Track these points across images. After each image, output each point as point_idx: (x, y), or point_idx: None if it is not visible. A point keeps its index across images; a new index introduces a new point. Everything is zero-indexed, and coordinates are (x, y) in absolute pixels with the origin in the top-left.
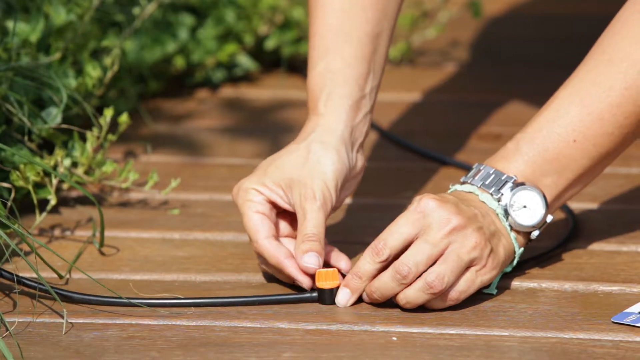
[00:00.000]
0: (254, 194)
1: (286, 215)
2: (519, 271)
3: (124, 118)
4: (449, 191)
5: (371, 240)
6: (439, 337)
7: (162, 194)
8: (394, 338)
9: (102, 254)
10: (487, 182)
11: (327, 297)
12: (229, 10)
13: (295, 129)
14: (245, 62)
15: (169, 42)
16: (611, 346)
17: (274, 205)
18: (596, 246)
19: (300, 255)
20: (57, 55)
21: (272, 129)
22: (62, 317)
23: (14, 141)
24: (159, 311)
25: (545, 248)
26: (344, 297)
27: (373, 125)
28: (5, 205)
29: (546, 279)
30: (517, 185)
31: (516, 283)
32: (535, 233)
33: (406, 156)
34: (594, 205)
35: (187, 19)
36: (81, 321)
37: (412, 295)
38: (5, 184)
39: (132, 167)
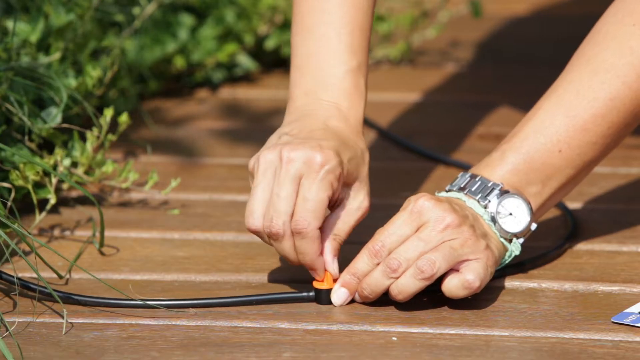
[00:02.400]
0: (337, 179)
1: None
2: (519, 271)
3: (124, 118)
4: None
5: None
6: (439, 337)
7: (162, 194)
8: (394, 338)
9: (102, 254)
10: (473, 189)
11: (323, 297)
12: (229, 10)
13: None
14: (245, 62)
15: (169, 42)
16: (611, 346)
17: None
18: (596, 246)
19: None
20: (57, 55)
21: (272, 129)
22: (62, 317)
23: (14, 141)
24: (159, 311)
25: (546, 248)
26: (340, 297)
27: (373, 125)
28: (5, 205)
29: (546, 279)
30: (504, 192)
31: (516, 283)
32: (520, 241)
33: (406, 156)
34: (594, 205)
35: (187, 19)
36: (81, 321)
37: (403, 282)
38: (5, 184)
39: (132, 167)
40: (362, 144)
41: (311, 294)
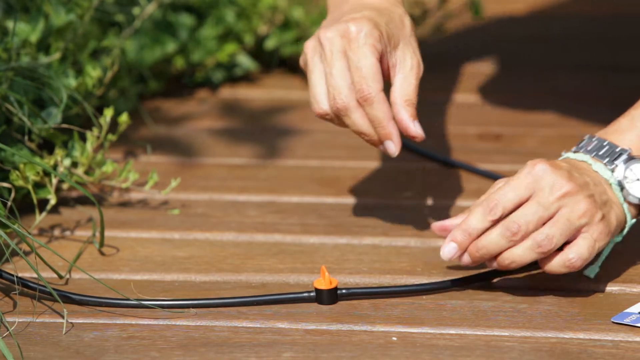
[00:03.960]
0: (378, 40)
1: None
2: (523, 272)
3: (124, 118)
4: (560, 158)
5: (372, 241)
6: (439, 337)
7: (162, 194)
8: (394, 338)
9: (102, 254)
10: (600, 153)
11: (324, 297)
12: (229, 10)
13: (295, 129)
14: (245, 62)
15: (169, 42)
16: (611, 346)
17: None
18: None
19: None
20: (57, 55)
21: (272, 129)
22: (62, 317)
23: (14, 141)
24: (159, 311)
25: None
26: (450, 251)
27: None
28: (5, 205)
29: (546, 279)
30: (632, 157)
31: (516, 283)
32: None
33: (406, 156)
34: None
35: (187, 19)
36: (81, 321)
37: (518, 253)
38: (5, 184)
39: (132, 167)
40: (400, 10)
41: (311, 294)
